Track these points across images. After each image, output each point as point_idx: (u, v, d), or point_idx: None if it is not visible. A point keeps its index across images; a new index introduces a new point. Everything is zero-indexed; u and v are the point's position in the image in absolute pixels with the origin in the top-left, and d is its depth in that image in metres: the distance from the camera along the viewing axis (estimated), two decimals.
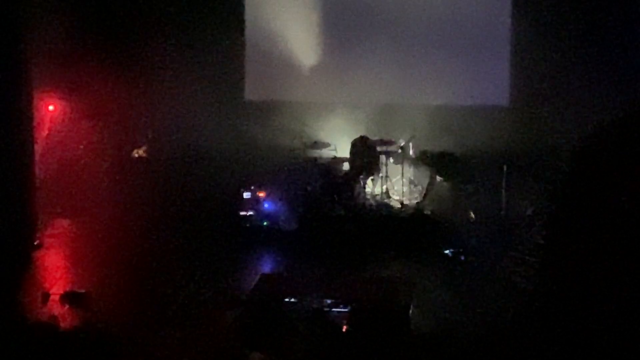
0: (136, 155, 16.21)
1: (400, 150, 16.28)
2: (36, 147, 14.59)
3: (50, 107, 15.50)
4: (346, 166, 16.15)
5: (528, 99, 16.27)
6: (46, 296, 11.43)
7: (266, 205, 15.13)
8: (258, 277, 12.47)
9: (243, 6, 17.02)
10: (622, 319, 4.09)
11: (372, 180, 16.16)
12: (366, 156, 16.05)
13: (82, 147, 15.44)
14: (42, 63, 14.61)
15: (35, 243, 13.79)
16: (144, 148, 16.31)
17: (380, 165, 16.15)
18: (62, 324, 9.31)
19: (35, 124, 14.64)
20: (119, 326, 9.84)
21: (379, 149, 16.17)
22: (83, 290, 11.64)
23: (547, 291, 4.63)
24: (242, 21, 17.05)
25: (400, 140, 16.32)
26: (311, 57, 16.89)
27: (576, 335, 4.61)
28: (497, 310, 11.16)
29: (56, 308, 11.09)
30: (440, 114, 16.37)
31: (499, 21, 16.56)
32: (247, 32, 17.08)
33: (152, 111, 16.26)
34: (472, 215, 14.89)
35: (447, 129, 16.26)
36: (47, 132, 15.37)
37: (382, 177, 16.15)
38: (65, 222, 14.74)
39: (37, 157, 14.59)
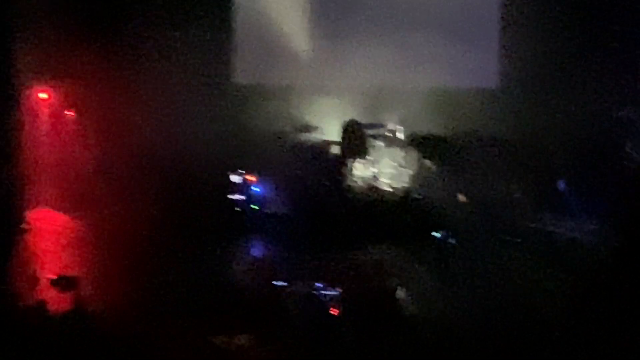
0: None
1: (389, 134, 16.28)
2: (27, 134, 14.58)
3: (43, 95, 15.45)
4: (336, 149, 16.14)
5: (517, 81, 16.25)
6: (35, 280, 11.42)
7: (256, 190, 15.13)
8: (248, 260, 12.49)
9: None
10: None
11: (362, 163, 16.16)
12: (356, 140, 16.06)
13: (71, 133, 15.36)
14: (31, 50, 14.58)
15: (24, 226, 13.79)
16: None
17: (369, 148, 16.15)
18: (52, 308, 9.33)
19: (27, 112, 14.72)
20: (108, 311, 9.86)
21: (368, 132, 16.17)
22: (74, 275, 11.62)
23: None
24: (232, 4, 16.98)
25: (390, 124, 16.32)
26: (301, 40, 16.83)
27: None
28: (485, 294, 11.20)
29: (46, 292, 11.08)
30: (430, 97, 16.35)
31: (487, 3, 16.54)
32: (236, 14, 17.01)
33: (139, 95, 16.17)
34: (462, 197, 14.89)
35: (436, 112, 16.25)
36: (39, 120, 15.32)
37: (371, 160, 16.15)
38: (56, 209, 14.70)
39: (28, 144, 14.59)
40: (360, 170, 16.12)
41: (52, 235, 13.91)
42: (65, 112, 15.38)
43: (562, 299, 11.01)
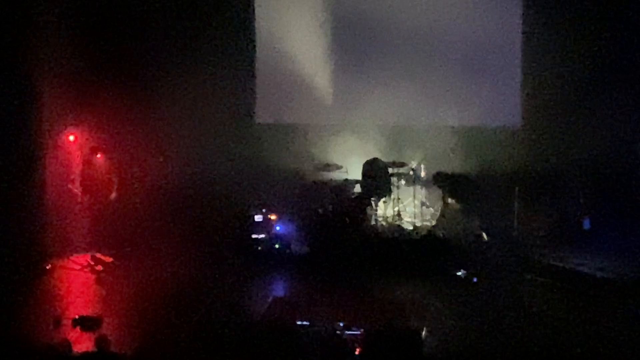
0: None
1: (412, 172, 16.30)
2: (54, 176, 14.82)
3: (71, 137, 15.60)
4: (358, 188, 16.15)
5: (539, 120, 16.24)
6: (58, 321, 11.46)
7: (278, 228, 15.15)
8: (271, 300, 12.47)
9: (254, 29, 17.07)
10: None
11: (384, 202, 16.17)
12: (378, 178, 16.08)
13: (98, 174, 15.47)
14: (58, 94, 14.80)
15: (47, 267, 13.89)
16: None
17: (392, 187, 16.16)
18: (74, 349, 9.33)
19: (55, 153, 14.98)
20: (132, 350, 9.85)
21: (390, 170, 16.19)
22: (96, 315, 11.65)
23: None
24: (253, 45, 17.09)
25: (412, 162, 16.34)
26: (322, 79, 16.92)
27: None
28: (510, 334, 11.14)
29: (68, 332, 11.09)
30: (452, 136, 16.39)
31: (510, 43, 16.56)
32: (258, 55, 17.12)
33: (165, 136, 16.27)
34: (485, 236, 14.86)
35: (459, 151, 16.27)
36: (68, 161, 15.47)
37: (394, 199, 16.16)
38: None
39: (53, 185, 14.82)
40: (382, 209, 16.13)
41: (76, 276, 13.98)
42: (96, 155, 15.51)
43: (585, 338, 10.94)
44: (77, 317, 11.47)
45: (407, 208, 16.33)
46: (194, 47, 16.49)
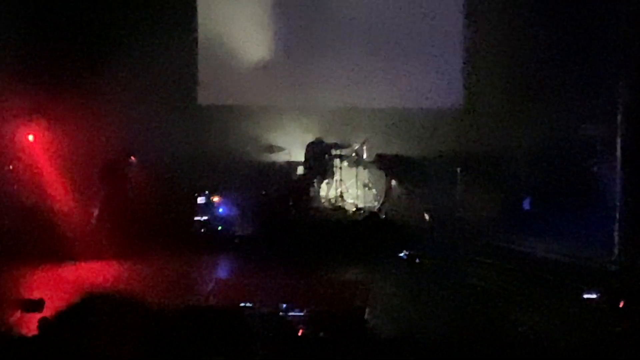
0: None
1: (354, 154, 16.31)
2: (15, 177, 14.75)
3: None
4: (301, 170, 16.14)
5: (481, 101, 16.33)
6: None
7: (221, 210, 15.09)
8: (214, 281, 12.42)
9: (195, 10, 16.94)
10: None
11: (327, 184, 16.17)
12: (320, 160, 16.08)
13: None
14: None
15: None
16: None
17: (334, 169, 16.17)
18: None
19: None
20: (70, 332, 9.74)
21: (333, 152, 16.20)
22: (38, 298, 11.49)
23: None
24: (195, 25, 16.97)
25: (355, 144, 16.35)
26: (265, 61, 16.85)
27: None
28: (452, 313, 11.19)
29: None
30: (395, 117, 16.44)
31: (452, 23, 16.62)
32: (200, 36, 17.02)
33: (106, 119, 16.10)
34: (427, 217, 14.93)
35: (401, 132, 16.31)
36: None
37: (336, 180, 16.17)
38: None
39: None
40: (325, 190, 16.13)
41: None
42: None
43: (532, 319, 11.04)
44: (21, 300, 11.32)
45: (350, 190, 16.35)
46: (134, 27, 16.30)
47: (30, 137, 15.42)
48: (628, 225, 13.82)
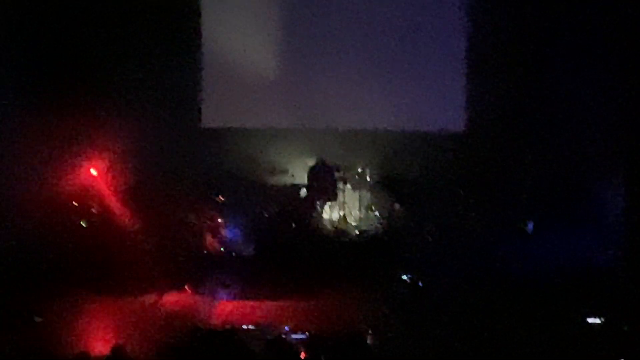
0: None
1: (357, 176, 16.33)
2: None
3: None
4: (304, 192, 16.15)
5: (483, 123, 16.33)
6: None
7: (224, 232, 15.09)
8: (216, 304, 12.44)
9: (199, 33, 16.98)
10: None
11: (330, 206, 16.18)
12: (323, 182, 16.09)
13: None
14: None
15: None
16: None
17: (337, 191, 16.18)
18: None
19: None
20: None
21: (336, 175, 16.21)
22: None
23: None
24: (199, 49, 17.00)
25: (358, 166, 16.37)
26: (268, 84, 16.87)
27: None
28: (454, 336, 11.18)
29: None
30: (397, 140, 16.43)
31: (454, 47, 16.65)
32: (205, 59, 17.03)
33: (110, 140, 16.15)
34: (430, 239, 14.93)
35: (404, 154, 16.32)
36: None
37: (339, 203, 16.18)
38: None
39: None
40: (327, 213, 16.14)
41: None
42: None
43: (530, 340, 11.03)
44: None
45: (353, 212, 16.35)
46: (140, 51, 16.36)
47: (93, 171, 15.55)
48: (632, 248, 13.84)
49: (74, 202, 15.24)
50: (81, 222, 15.05)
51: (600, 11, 14.91)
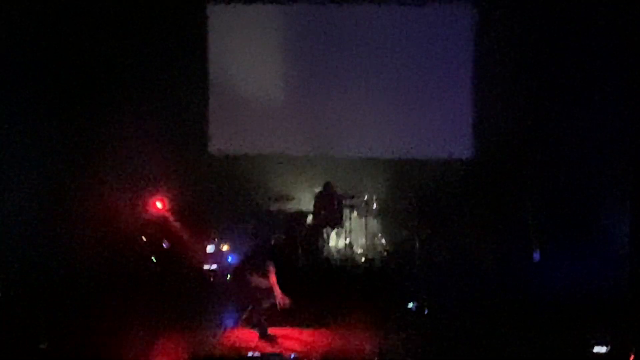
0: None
1: (364, 204, 16.33)
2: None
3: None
4: (310, 219, 16.16)
5: (491, 151, 16.34)
6: None
7: (230, 259, 15.08)
8: (222, 331, 12.42)
9: (207, 61, 17.06)
10: None
11: (336, 233, 16.19)
12: (330, 209, 16.11)
13: None
14: None
15: None
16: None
17: (344, 218, 16.19)
18: None
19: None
20: None
21: (342, 202, 16.22)
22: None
23: None
24: (206, 76, 17.08)
25: (364, 194, 16.38)
26: (275, 111, 16.94)
27: None
28: None
29: None
30: (403, 168, 16.47)
31: (462, 74, 16.70)
32: (212, 85, 17.11)
33: (117, 165, 16.21)
34: (438, 267, 14.93)
35: (411, 182, 16.34)
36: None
37: (345, 230, 16.19)
38: None
39: None
40: (334, 240, 16.15)
41: None
42: None
43: None
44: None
45: (359, 240, 16.35)
46: (147, 77, 16.43)
47: (159, 204, 15.60)
48: (638, 276, 13.82)
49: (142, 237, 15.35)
50: (152, 258, 15.12)
51: (606, 38, 14.96)
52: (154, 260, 15.04)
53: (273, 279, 12.60)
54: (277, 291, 12.52)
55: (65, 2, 15.73)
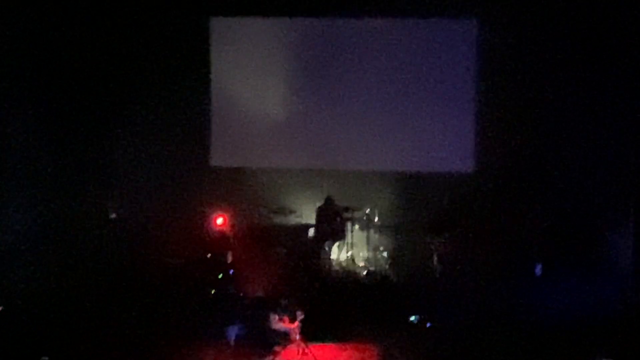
0: None
1: (365, 217, 16.34)
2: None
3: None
4: (312, 233, 16.16)
5: (492, 165, 16.35)
6: None
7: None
8: (224, 344, 12.42)
9: (209, 74, 17.08)
10: None
11: (338, 246, 16.19)
12: (332, 222, 16.10)
13: None
14: None
15: None
16: None
17: (345, 231, 16.19)
18: None
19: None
20: None
21: (344, 215, 16.23)
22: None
23: None
24: (208, 89, 17.10)
25: (366, 207, 16.39)
26: (277, 124, 16.95)
27: None
28: None
29: None
30: (405, 181, 16.47)
31: (463, 88, 16.71)
32: (214, 98, 17.13)
33: (120, 177, 16.22)
34: (438, 280, 14.92)
35: (412, 195, 16.35)
36: None
37: (347, 243, 16.19)
38: None
39: None
40: (336, 254, 16.15)
41: None
42: None
43: None
44: None
45: (361, 253, 16.35)
46: (149, 90, 16.47)
47: (219, 220, 15.67)
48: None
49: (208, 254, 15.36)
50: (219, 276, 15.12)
51: (608, 54, 15.01)
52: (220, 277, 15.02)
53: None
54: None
55: (67, 15, 15.78)
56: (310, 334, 12.88)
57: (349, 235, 16.24)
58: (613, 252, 14.63)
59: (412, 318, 13.71)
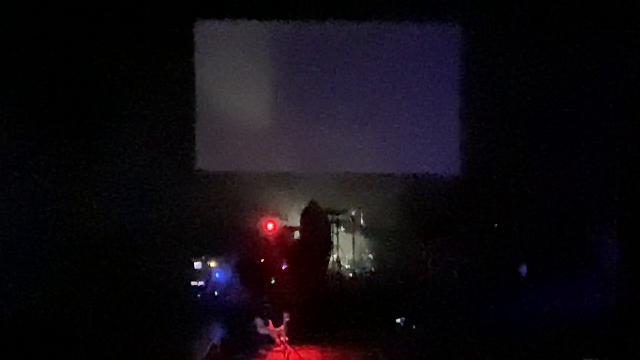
0: None
1: (351, 220, 16.33)
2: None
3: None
4: (297, 235, 16.12)
5: (479, 167, 16.37)
6: None
7: (217, 275, 15.06)
8: (209, 347, 12.39)
9: (193, 76, 17.05)
10: None
11: None
12: (317, 225, 16.06)
13: None
14: None
15: None
16: None
17: (331, 234, 16.16)
18: None
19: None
20: None
21: (329, 218, 16.20)
22: None
23: None
24: (193, 91, 17.06)
25: (351, 210, 16.37)
26: (262, 128, 16.93)
27: None
28: None
29: None
30: (391, 183, 16.47)
31: (449, 91, 16.74)
32: (198, 101, 17.09)
33: (103, 182, 16.15)
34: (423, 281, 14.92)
35: (398, 198, 16.35)
36: None
37: (333, 246, 16.16)
38: None
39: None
40: None
41: None
42: None
43: None
44: None
45: (347, 255, 16.34)
46: (133, 92, 16.42)
47: (270, 226, 15.64)
48: (627, 293, 13.84)
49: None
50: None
51: (597, 59, 15.04)
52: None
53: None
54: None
55: (47, 19, 15.72)
56: (295, 337, 12.87)
57: (334, 238, 16.22)
58: (598, 254, 14.65)
59: (398, 320, 13.71)
